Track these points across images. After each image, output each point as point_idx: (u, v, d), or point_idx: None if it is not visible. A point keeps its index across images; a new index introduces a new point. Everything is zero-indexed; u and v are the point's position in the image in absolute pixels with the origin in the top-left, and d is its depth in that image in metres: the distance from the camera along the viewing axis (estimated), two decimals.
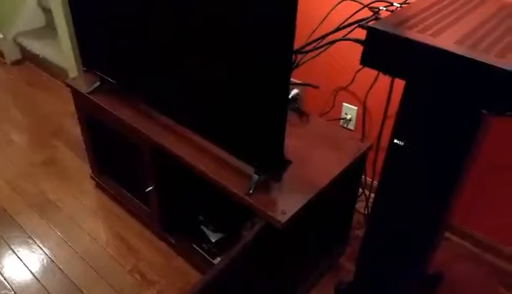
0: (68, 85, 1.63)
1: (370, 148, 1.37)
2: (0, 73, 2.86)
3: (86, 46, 1.54)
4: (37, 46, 2.76)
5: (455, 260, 1.61)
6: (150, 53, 1.28)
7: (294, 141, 1.36)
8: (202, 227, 1.45)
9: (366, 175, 1.57)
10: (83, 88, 1.57)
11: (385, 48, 0.86)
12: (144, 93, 1.40)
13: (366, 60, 0.90)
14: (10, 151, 2.13)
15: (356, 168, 1.36)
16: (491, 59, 0.76)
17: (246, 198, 1.12)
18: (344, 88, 1.72)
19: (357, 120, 1.79)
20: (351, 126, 1.82)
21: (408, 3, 1.07)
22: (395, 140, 1.02)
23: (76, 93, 1.61)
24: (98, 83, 1.54)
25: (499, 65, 0.73)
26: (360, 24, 0.89)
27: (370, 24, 0.89)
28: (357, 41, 0.95)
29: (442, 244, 1.58)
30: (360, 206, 1.66)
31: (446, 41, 0.82)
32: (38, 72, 2.86)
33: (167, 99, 1.32)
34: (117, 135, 1.54)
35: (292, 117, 1.48)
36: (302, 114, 1.50)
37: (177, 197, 1.49)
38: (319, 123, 1.48)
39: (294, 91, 1.83)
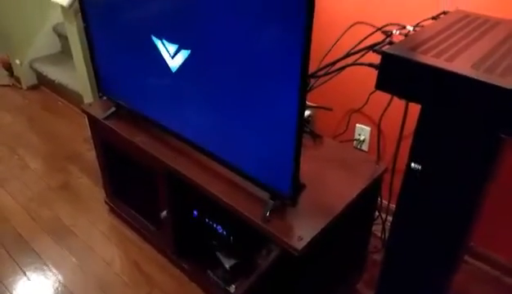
0: (84, 111, 1.65)
1: (385, 170, 1.35)
2: (16, 99, 2.92)
3: (102, 73, 1.56)
4: (52, 72, 2.82)
5: (474, 284, 1.56)
6: (165, 80, 1.29)
7: (308, 164, 1.34)
8: (216, 252, 1.44)
9: (381, 198, 1.55)
10: (99, 114, 1.59)
11: (401, 73, 0.86)
12: (159, 119, 1.41)
13: (382, 85, 0.90)
14: (25, 176, 2.16)
15: (372, 191, 1.35)
16: (508, 83, 0.75)
17: (262, 224, 1.11)
18: (358, 110, 1.71)
19: (370, 141, 1.78)
20: (364, 147, 1.80)
21: (421, 26, 1.07)
22: (412, 164, 1.01)
23: (92, 119, 1.63)
24: (113, 109, 1.56)
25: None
26: (374, 48, 0.89)
27: (384, 48, 0.89)
28: (370, 65, 0.95)
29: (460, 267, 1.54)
30: (376, 229, 1.63)
31: (463, 65, 0.81)
32: (53, 97, 2.91)
33: (182, 125, 1.33)
34: (132, 161, 1.54)
35: (305, 139, 1.47)
36: (315, 137, 1.49)
37: (191, 222, 1.48)
38: (333, 145, 1.47)
39: (307, 113, 1.83)
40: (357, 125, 1.78)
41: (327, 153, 1.42)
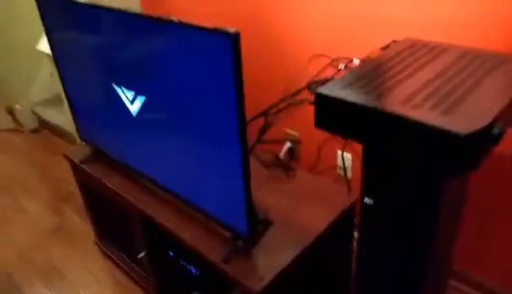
0: (64, 155, 1.69)
1: (357, 200, 1.33)
2: (18, 142, 3.01)
3: (77, 118, 1.61)
4: (51, 115, 2.91)
5: None
6: (128, 124, 1.32)
7: (279, 199, 1.34)
8: (193, 293, 1.43)
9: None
10: (79, 157, 1.63)
11: (332, 112, 0.86)
12: (126, 160, 1.44)
13: (318, 123, 0.89)
14: (21, 219, 2.20)
15: (344, 220, 1.32)
16: (434, 117, 0.74)
17: (221, 265, 1.10)
18: (334, 137, 1.70)
19: (353, 167, 1.75)
20: (348, 173, 1.78)
21: (368, 58, 1.07)
22: (365, 199, 1.00)
23: (71, 162, 1.67)
24: (90, 153, 1.60)
25: (436, 124, 0.71)
26: (310, 88, 0.89)
27: (320, 87, 0.89)
28: (311, 103, 0.94)
29: None
30: None
31: (391, 101, 0.80)
32: (54, 139, 2.99)
33: (147, 166, 1.35)
34: (110, 202, 1.56)
35: (278, 173, 1.47)
36: (288, 170, 1.48)
37: (168, 263, 1.48)
38: (305, 178, 1.46)
39: (288, 145, 1.83)
40: (339, 152, 1.76)
41: (299, 187, 1.41)
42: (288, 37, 1.65)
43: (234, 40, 0.82)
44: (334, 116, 0.86)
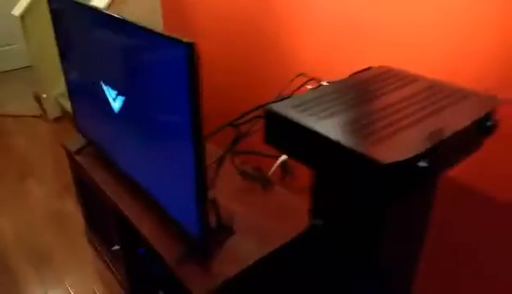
0: (62, 145, 1.78)
1: None
2: (42, 129, 3.16)
3: (74, 110, 1.70)
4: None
5: None
6: (111, 121, 1.38)
7: (247, 210, 1.35)
8: (159, 291, 1.45)
9: None
10: (76, 148, 1.70)
11: (279, 129, 0.87)
12: (110, 155, 1.51)
13: (268, 139, 0.91)
14: (25, 202, 2.31)
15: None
16: (362, 144, 0.74)
17: (172, 265, 1.13)
18: None
19: None
20: None
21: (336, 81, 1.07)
22: (313, 220, 1.00)
23: (68, 152, 1.75)
24: (83, 144, 1.67)
25: (358, 150, 0.71)
26: (264, 104, 0.91)
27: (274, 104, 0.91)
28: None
29: None
30: None
31: (331, 124, 0.81)
32: (73, 129, 3.12)
33: (125, 162, 1.41)
34: (94, 193, 1.63)
35: (255, 186, 1.48)
36: (265, 183, 1.49)
37: (139, 259, 1.52)
38: (281, 194, 1.46)
39: (281, 159, 1.83)
40: None
41: (271, 202, 1.42)
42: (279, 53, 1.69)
43: (189, 49, 0.85)
44: (281, 134, 0.87)
